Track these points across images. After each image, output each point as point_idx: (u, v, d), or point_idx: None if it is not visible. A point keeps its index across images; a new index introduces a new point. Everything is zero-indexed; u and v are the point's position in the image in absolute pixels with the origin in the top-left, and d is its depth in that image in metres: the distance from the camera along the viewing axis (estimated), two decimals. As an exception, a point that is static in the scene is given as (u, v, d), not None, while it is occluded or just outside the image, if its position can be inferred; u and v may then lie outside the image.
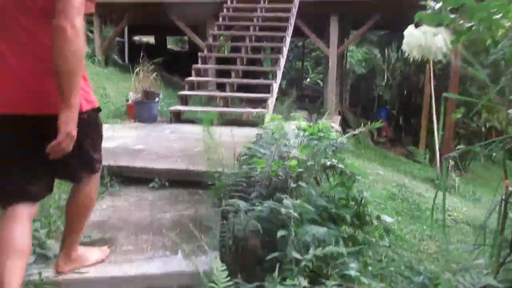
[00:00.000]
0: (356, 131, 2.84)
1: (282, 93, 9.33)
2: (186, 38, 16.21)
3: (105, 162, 3.36)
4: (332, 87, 8.54)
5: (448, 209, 4.67)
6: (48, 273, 1.91)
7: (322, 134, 2.82)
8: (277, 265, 1.74)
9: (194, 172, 3.22)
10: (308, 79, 19.55)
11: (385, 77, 15.79)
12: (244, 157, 2.98)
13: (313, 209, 2.07)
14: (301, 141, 2.56)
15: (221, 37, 7.35)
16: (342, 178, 2.47)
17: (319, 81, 18.40)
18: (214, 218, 2.64)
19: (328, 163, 2.33)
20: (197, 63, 6.43)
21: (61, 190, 2.79)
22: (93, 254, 2.03)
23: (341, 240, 2.06)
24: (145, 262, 2.11)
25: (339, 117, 9.95)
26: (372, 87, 16.09)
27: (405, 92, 14.04)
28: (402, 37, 1.77)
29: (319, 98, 12.84)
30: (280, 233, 1.87)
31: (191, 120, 5.69)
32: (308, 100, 12.07)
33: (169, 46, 16.08)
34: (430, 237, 3.69)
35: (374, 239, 2.28)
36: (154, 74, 5.51)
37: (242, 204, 2.00)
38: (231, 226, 2.18)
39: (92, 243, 2.27)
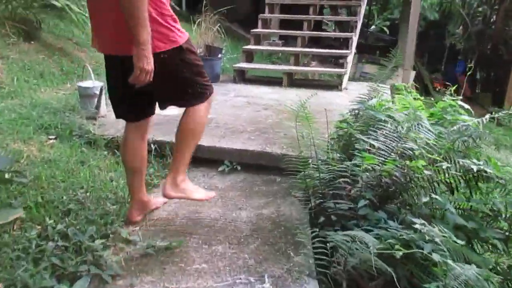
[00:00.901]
0: (495, 114, 2.10)
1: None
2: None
3: (167, 138, 2.95)
4: (412, 37, 7.43)
5: None
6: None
7: (448, 117, 2.12)
8: None
9: (272, 156, 2.66)
10: (373, 26, 17.89)
11: (462, 24, 14.03)
12: (341, 142, 2.36)
13: (461, 243, 1.44)
14: (427, 132, 1.87)
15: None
16: (484, 185, 1.80)
17: (384, 28, 16.76)
18: (302, 223, 2.10)
19: (473, 167, 1.66)
20: (257, 11, 5.65)
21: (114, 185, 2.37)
22: (199, 191, 2.10)
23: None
24: (225, 293, 1.63)
25: (413, 73, 8.87)
26: (444, 35, 14.33)
27: (489, 42, 12.38)
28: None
29: (389, 49, 11.63)
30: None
31: (257, 80, 5.08)
32: (379, 51, 10.87)
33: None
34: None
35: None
36: (218, 26, 4.86)
37: (369, 239, 1.40)
38: (327, 240, 1.63)
39: (157, 253, 1.83)
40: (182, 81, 1.81)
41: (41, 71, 4.03)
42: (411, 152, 1.74)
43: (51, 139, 2.85)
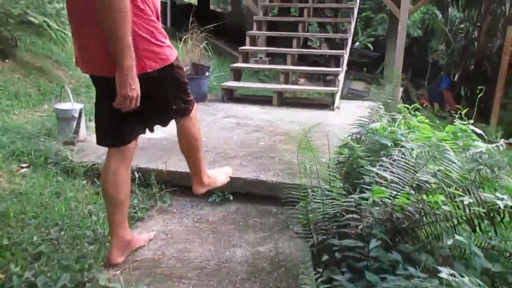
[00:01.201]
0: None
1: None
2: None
3: (153, 165, 2.72)
4: (400, 55, 7.39)
5: None
6: None
7: (460, 143, 1.96)
8: None
9: (267, 184, 2.45)
10: (357, 43, 18.02)
11: (443, 41, 14.21)
12: (343, 170, 2.16)
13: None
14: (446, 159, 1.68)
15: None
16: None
17: (368, 44, 16.91)
18: (304, 263, 1.88)
19: (498, 203, 1.48)
20: (243, 27, 5.50)
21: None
22: (221, 175, 2.14)
23: None
24: None
25: (401, 89, 8.84)
26: (427, 51, 14.50)
27: (472, 58, 12.52)
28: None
29: (377, 65, 11.62)
30: None
31: (245, 98, 4.89)
32: (366, 68, 10.86)
33: (211, 7, 15.03)
34: None
35: None
36: (204, 43, 4.68)
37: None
38: None
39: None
40: (169, 98, 1.74)
41: (16, 92, 3.77)
42: (428, 185, 1.56)
43: (23, 167, 2.59)
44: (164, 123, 1.86)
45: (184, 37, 4.70)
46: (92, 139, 1.89)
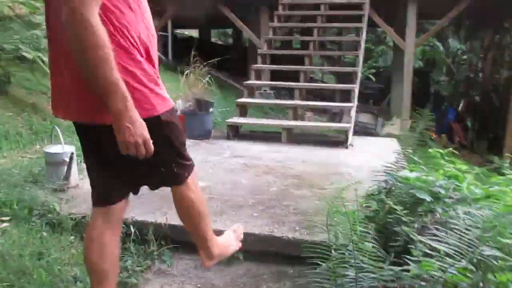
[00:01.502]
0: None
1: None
2: (229, 31, 15.13)
3: (151, 217, 2.40)
4: (408, 87, 7.21)
5: None
6: None
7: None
8: None
9: (282, 241, 2.12)
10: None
11: (445, 72, 14.13)
12: (372, 225, 1.84)
13: None
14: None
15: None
16: None
17: (370, 76, 16.89)
18: None
19: None
20: (244, 59, 5.29)
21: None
22: (231, 243, 1.79)
23: None
24: None
25: (410, 121, 8.60)
26: (428, 82, 14.40)
27: (477, 88, 12.36)
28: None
29: (382, 96, 11.44)
30: None
31: (252, 135, 4.62)
32: (372, 100, 10.67)
33: (212, 40, 15.05)
34: None
35: None
36: (208, 78, 4.45)
37: None
38: None
39: None
40: (157, 160, 1.36)
41: (6, 132, 3.49)
42: (493, 261, 1.24)
43: (4, 221, 2.28)
44: (154, 187, 1.57)
45: (186, 71, 4.48)
46: (85, 185, 1.60)
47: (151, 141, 1.24)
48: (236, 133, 4.46)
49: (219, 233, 2.14)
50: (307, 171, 3.26)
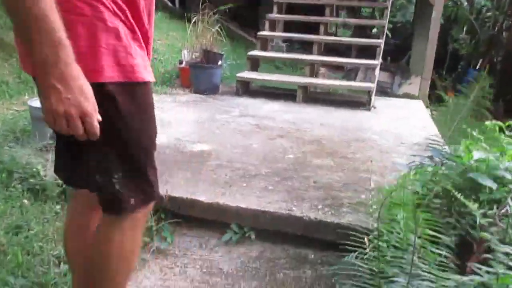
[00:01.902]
0: None
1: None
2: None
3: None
4: (433, 44, 6.68)
5: None
6: None
7: None
8: None
9: (302, 221, 1.80)
10: (374, 29, 17.19)
11: (466, 30, 13.35)
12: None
13: None
14: None
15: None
16: None
17: (387, 32, 16.08)
18: None
19: None
20: (258, 9, 4.79)
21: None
22: None
23: None
24: None
25: (428, 81, 8.11)
26: (446, 40, 13.64)
27: (500, 49, 11.67)
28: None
29: (398, 53, 10.86)
30: None
31: (264, 92, 4.22)
32: (390, 57, 10.08)
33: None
34: None
35: None
36: (218, 27, 3.99)
37: None
38: None
39: None
40: (95, 155, 0.92)
41: (-9, 80, 3.14)
42: None
43: (-21, 186, 1.98)
44: (89, 188, 1.01)
45: (194, 19, 4.02)
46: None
47: (95, 116, 0.82)
48: (246, 89, 4.07)
49: (224, 210, 1.85)
50: (326, 136, 2.90)
